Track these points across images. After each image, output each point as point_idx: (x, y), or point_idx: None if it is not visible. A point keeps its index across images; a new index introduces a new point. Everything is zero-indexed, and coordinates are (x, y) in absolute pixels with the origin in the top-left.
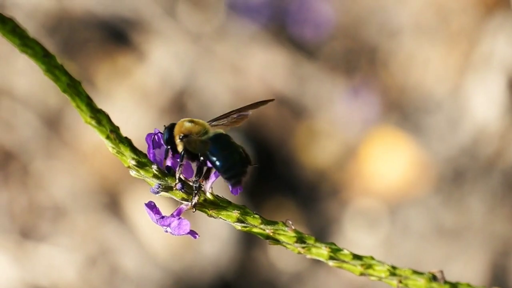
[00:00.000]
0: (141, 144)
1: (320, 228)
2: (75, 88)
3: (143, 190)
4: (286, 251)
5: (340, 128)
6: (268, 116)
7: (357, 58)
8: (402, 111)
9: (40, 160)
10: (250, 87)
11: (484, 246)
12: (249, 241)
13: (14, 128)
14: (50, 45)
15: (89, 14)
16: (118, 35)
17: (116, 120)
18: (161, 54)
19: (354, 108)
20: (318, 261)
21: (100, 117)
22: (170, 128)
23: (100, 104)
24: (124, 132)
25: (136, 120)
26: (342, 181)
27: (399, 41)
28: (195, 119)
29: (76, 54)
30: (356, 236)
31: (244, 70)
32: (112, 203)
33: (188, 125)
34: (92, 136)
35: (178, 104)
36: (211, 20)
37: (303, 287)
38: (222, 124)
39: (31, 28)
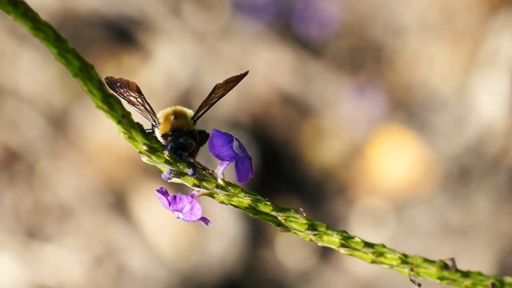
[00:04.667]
0: None
1: None
2: (87, 73)
3: (149, 189)
4: (293, 250)
5: (346, 127)
6: (274, 115)
7: (362, 57)
8: (408, 109)
9: (45, 160)
10: (255, 86)
11: (491, 244)
12: (256, 240)
13: (19, 129)
14: None
15: (94, 13)
16: (123, 35)
17: None
18: (166, 53)
19: (360, 107)
20: (325, 259)
21: (112, 102)
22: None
23: None
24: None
25: (142, 120)
26: (348, 179)
27: (405, 39)
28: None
29: (81, 54)
30: (362, 234)
31: (249, 69)
32: (118, 202)
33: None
34: (97, 136)
35: (184, 103)
36: (216, 19)
37: (310, 285)
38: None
39: None
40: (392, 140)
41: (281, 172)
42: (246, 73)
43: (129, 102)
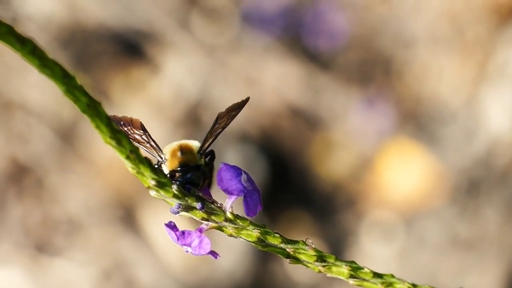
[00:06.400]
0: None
1: (335, 240)
2: (95, 109)
3: (158, 203)
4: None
5: (355, 139)
6: (283, 127)
7: (371, 69)
8: (417, 121)
9: (54, 173)
10: (264, 98)
11: (500, 257)
12: (265, 253)
13: (28, 142)
14: (63, 58)
15: (103, 26)
16: (131, 48)
17: None
18: (175, 66)
19: (369, 119)
20: None
21: (120, 138)
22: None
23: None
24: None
25: (151, 133)
26: (357, 192)
27: (414, 51)
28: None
29: (90, 67)
30: (372, 248)
31: (258, 82)
32: (127, 216)
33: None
34: (106, 150)
35: (193, 116)
36: (225, 32)
37: None
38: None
39: (45, 41)
40: (402, 152)
41: (290, 184)
42: (247, 100)
43: (134, 140)
